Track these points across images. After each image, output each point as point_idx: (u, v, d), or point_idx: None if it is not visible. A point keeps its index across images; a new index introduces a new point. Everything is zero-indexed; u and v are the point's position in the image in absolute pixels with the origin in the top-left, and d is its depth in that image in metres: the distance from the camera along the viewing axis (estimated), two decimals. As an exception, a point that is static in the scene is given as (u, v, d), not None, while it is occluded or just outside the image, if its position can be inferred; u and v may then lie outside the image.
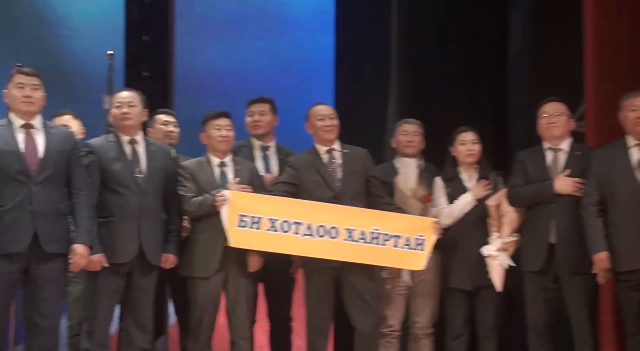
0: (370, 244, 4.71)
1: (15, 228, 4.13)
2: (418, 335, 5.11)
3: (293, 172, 4.83)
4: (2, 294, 4.14)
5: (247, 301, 4.72)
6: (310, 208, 4.71)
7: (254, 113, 5.25)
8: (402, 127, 5.32)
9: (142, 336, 4.54)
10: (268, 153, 5.23)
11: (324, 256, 4.69)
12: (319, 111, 4.92)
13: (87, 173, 4.43)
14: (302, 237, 4.66)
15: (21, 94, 4.26)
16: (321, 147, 4.91)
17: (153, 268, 4.57)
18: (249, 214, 4.61)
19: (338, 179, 4.83)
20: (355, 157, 4.89)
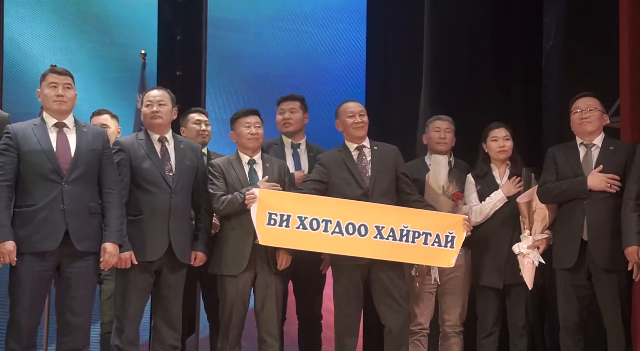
0: (399, 241, 4.68)
1: (47, 227, 4.18)
2: (448, 333, 5.08)
3: (323, 170, 4.82)
4: (34, 292, 4.19)
5: (276, 299, 4.71)
6: (339, 205, 4.69)
7: (285, 111, 5.26)
8: (434, 123, 5.29)
9: (172, 334, 4.56)
10: (299, 151, 5.23)
11: (353, 253, 4.67)
12: (349, 108, 4.91)
13: (118, 171, 4.47)
14: (331, 234, 4.65)
15: (54, 93, 4.31)
16: (351, 144, 4.90)
17: (182, 265, 4.59)
18: (278, 212, 4.61)
19: (368, 176, 4.81)
20: (385, 154, 4.87)
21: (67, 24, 6.66)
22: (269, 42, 6.97)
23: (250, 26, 6.97)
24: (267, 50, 6.94)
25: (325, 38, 7.03)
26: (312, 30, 7.03)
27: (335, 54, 7.01)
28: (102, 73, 6.56)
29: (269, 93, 6.42)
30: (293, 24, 7.00)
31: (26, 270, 4.17)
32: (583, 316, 4.70)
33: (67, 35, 6.64)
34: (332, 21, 7.06)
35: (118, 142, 4.63)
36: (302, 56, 6.96)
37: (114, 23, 6.77)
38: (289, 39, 6.98)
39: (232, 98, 6.75)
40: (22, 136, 4.25)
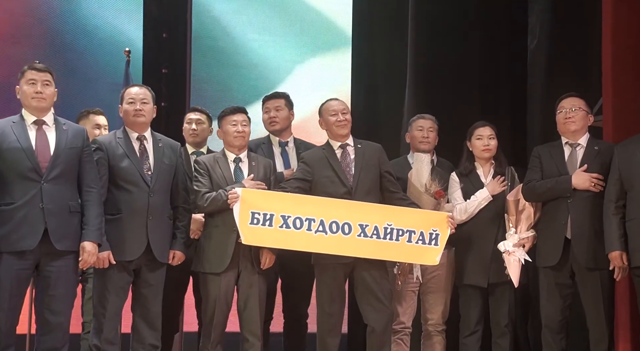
0: (383, 240, 4.66)
1: (26, 226, 4.14)
2: (430, 332, 5.08)
3: (306, 168, 4.81)
4: (13, 291, 4.15)
5: (260, 298, 4.68)
6: (322, 204, 4.67)
7: (270, 109, 5.24)
8: (418, 122, 5.28)
9: (152, 333, 4.53)
10: (287, 149, 5.22)
11: (337, 252, 4.65)
12: (332, 106, 4.89)
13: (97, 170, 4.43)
14: (315, 233, 4.63)
15: (32, 90, 4.27)
16: (335, 142, 4.88)
17: (161, 265, 4.56)
18: (261, 211, 4.59)
19: (351, 175, 4.79)
20: (369, 152, 4.86)
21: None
22: (256, 40, 6.95)
23: (237, 24, 6.94)
24: (254, 48, 6.92)
25: (313, 35, 7.01)
26: (300, 27, 7.01)
27: (322, 52, 6.99)
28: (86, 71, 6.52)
29: (256, 92, 6.47)
30: (280, 21, 6.97)
31: (5, 269, 4.13)
32: (566, 315, 4.70)
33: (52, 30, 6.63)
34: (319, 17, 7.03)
35: (96, 141, 4.58)
36: (290, 52, 6.94)
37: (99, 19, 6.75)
38: (277, 35, 6.95)
39: (218, 96, 6.73)
40: (1, 134, 4.20)
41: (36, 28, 6.71)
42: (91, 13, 6.72)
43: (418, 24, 6.37)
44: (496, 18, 6.37)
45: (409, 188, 4.97)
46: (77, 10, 6.73)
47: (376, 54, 6.66)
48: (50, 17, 6.67)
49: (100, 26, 6.73)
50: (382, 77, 6.63)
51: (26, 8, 6.73)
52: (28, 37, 6.68)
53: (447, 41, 6.31)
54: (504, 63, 6.38)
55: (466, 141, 5.08)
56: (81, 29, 6.70)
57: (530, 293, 5.57)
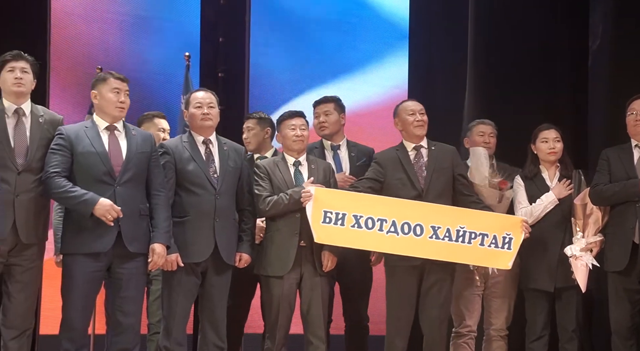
0: (455, 242, 4.64)
1: (100, 228, 4.20)
2: (493, 337, 5.05)
3: (379, 169, 4.81)
4: (87, 292, 4.23)
5: (322, 301, 4.69)
6: (394, 205, 4.66)
7: (319, 114, 5.25)
8: (478, 127, 5.26)
9: (217, 335, 4.55)
10: (339, 153, 5.22)
11: (408, 253, 4.64)
12: (409, 106, 4.89)
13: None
14: (387, 234, 4.62)
15: (117, 99, 4.35)
16: (409, 143, 4.88)
17: (227, 267, 4.59)
18: (334, 210, 4.60)
19: (423, 177, 4.79)
20: (443, 155, 4.84)
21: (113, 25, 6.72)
22: (314, 43, 6.95)
23: (294, 28, 6.96)
24: (312, 51, 6.92)
25: (370, 41, 7.00)
26: (356, 32, 7.00)
27: (380, 52, 6.98)
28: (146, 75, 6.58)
29: (313, 95, 6.46)
30: (336, 23, 6.97)
31: (79, 270, 4.21)
32: (635, 321, 4.65)
33: (114, 37, 6.69)
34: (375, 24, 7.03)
35: (163, 145, 4.64)
36: (346, 55, 6.94)
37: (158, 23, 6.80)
38: (333, 38, 6.95)
39: (275, 99, 6.75)
40: (75, 137, 4.28)
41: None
42: (150, 16, 6.78)
43: (477, 25, 6.33)
44: (556, 18, 6.31)
45: (473, 181, 4.94)
46: (136, 14, 6.79)
47: (434, 55, 6.64)
48: (108, 21, 6.75)
49: (160, 30, 6.78)
50: (441, 78, 6.60)
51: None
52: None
53: (507, 41, 6.27)
54: (564, 64, 6.30)
55: (530, 144, 5.04)
56: (141, 33, 6.76)
57: (594, 297, 5.49)
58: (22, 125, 4.32)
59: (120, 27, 6.72)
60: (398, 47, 6.91)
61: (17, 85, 4.31)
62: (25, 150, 4.28)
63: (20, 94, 4.34)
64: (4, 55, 4.37)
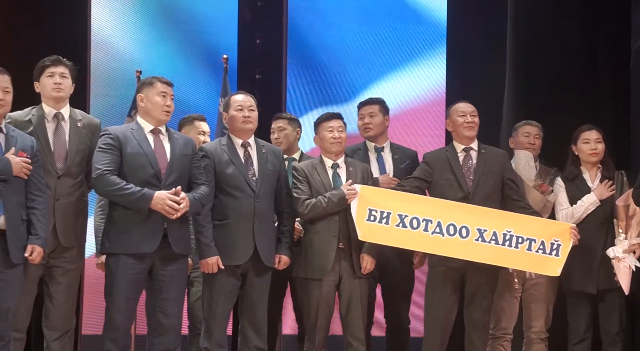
0: (502, 246, 4.60)
1: (147, 229, 4.25)
2: (533, 340, 5.02)
3: (427, 168, 4.81)
4: (130, 293, 4.27)
5: (361, 303, 4.69)
6: (440, 205, 4.65)
7: (364, 116, 5.25)
8: (524, 128, 5.24)
9: (258, 337, 4.57)
10: (383, 155, 5.21)
11: (453, 255, 4.61)
12: (460, 108, 4.89)
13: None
14: (432, 234, 4.61)
15: (163, 103, 4.39)
16: (459, 145, 4.86)
17: (267, 269, 4.61)
18: (379, 209, 4.60)
19: (471, 179, 4.77)
20: (492, 158, 4.82)
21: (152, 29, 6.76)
22: (352, 43, 6.94)
23: (332, 28, 6.95)
24: (350, 51, 6.91)
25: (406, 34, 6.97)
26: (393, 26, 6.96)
27: (418, 52, 6.94)
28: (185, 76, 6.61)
29: (351, 96, 6.46)
30: (374, 22, 6.94)
31: (122, 271, 4.25)
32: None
33: (152, 40, 6.74)
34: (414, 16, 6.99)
35: (202, 148, 4.66)
36: (383, 56, 6.91)
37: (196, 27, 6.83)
38: (371, 38, 6.93)
39: (313, 101, 6.75)
40: (123, 138, 4.32)
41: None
42: (188, 19, 6.82)
43: (517, 25, 6.28)
44: (597, 17, 6.23)
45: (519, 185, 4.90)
46: (174, 17, 6.83)
47: (471, 55, 6.60)
48: (148, 24, 6.79)
49: (198, 32, 6.82)
50: (478, 78, 6.56)
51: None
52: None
53: (547, 41, 6.21)
54: (605, 64, 6.23)
55: (571, 145, 5.00)
56: (179, 36, 6.80)
57: (638, 300, 5.41)
58: (61, 129, 4.38)
59: (158, 29, 6.76)
60: (436, 47, 6.88)
61: (57, 90, 4.37)
62: (64, 155, 4.34)
63: (60, 99, 4.39)
64: (43, 60, 4.43)
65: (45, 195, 4.17)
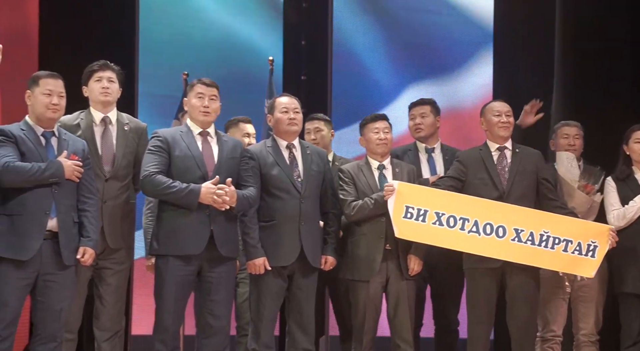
0: (538, 246, 4.56)
1: (193, 231, 4.28)
2: (583, 342, 4.96)
3: (461, 167, 4.78)
4: (178, 294, 4.30)
5: (409, 305, 4.68)
6: (478, 204, 4.61)
7: (415, 116, 5.23)
8: (563, 130, 5.17)
9: (305, 338, 4.58)
10: (433, 156, 5.19)
11: (489, 254, 4.58)
12: (495, 107, 4.85)
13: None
14: (468, 233, 4.58)
15: (200, 104, 4.41)
16: (493, 144, 4.82)
17: (313, 270, 4.62)
18: (416, 206, 4.58)
19: (506, 178, 4.73)
20: (527, 158, 4.78)
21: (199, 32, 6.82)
22: (399, 45, 6.92)
23: (377, 29, 6.93)
24: (397, 54, 6.89)
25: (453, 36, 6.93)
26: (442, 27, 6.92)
27: (465, 53, 6.90)
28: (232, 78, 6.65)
29: (397, 98, 6.44)
30: (422, 24, 6.91)
31: (171, 272, 4.29)
32: None
33: (199, 43, 6.79)
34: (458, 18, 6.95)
35: (248, 150, 4.68)
36: (429, 58, 6.88)
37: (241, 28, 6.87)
38: (418, 40, 6.90)
39: (358, 102, 6.74)
40: (172, 140, 4.36)
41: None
42: (234, 21, 6.86)
43: (565, 26, 6.21)
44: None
45: (562, 186, 4.87)
46: (220, 20, 6.88)
47: (518, 55, 6.54)
48: (194, 28, 6.85)
49: (243, 35, 6.86)
50: (526, 79, 6.49)
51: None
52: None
53: (596, 41, 6.12)
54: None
55: (622, 145, 4.93)
56: (225, 38, 6.85)
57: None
58: (108, 133, 4.45)
59: (204, 32, 6.82)
60: (483, 48, 6.82)
61: (104, 94, 4.44)
62: (112, 158, 4.40)
63: (107, 103, 4.46)
64: (91, 65, 4.50)
65: (96, 197, 4.24)
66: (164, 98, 6.49)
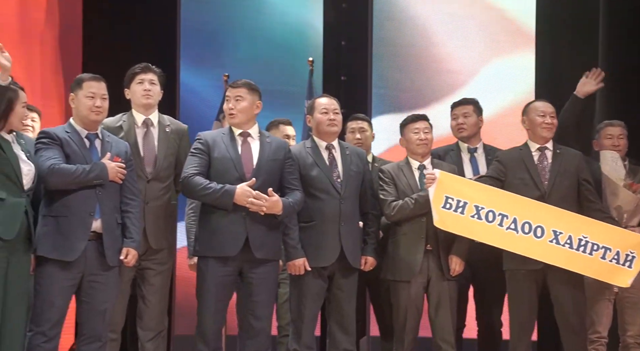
0: (576, 251, 4.52)
1: (229, 233, 4.30)
2: (629, 344, 4.89)
3: (500, 167, 4.75)
4: (219, 295, 4.33)
5: (451, 306, 4.66)
6: (518, 202, 4.58)
7: (458, 116, 5.20)
8: (606, 130, 5.12)
9: (346, 338, 4.58)
10: (476, 156, 5.16)
11: (525, 253, 4.55)
12: (540, 107, 4.81)
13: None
14: (506, 230, 4.55)
15: (227, 107, 4.46)
16: (534, 144, 4.79)
17: (354, 270, 4.62)
18: (455, 197, 4.56)
19: (546, 178, 4.70)
20: (568, 159, 4.74)
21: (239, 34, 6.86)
22: (437, 44, 6.88)
23: (418, 28, 6.90)
24: (436, 52, 6.86)
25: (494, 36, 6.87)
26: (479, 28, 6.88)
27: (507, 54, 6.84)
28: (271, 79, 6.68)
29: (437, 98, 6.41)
30: (461, 23, 6.87)
31: (210, 273, 4.32)
32: None
33: (239, 45, 6.84)
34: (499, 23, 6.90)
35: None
36: (471, 58, 6.84)
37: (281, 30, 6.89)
38: (457, 39, 6.86)
39: (398, 102, 6.73)
40: (213, 143, 4.39)
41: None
42: (273, 23, 6.89)
43: (610, 26, 6.12)
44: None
45: (607, 186, 4.82)
46: (260, 22, 6.91)
47: (561, 55, 6.47)
48: (234, 30, 6.89)
49: (283, 36, 6.88)
50: (569, 79, 6.41)
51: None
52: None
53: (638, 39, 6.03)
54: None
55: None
56: (266, 39, 6.88)
57: None
58: (150, 135, 4.49)
59: (244, 34, 6.85)
60: (525, 48, 6.77)
61: (146, 97, 4.48)
62: (153, 160, 4.45)
63: (149, 105, 4.51)
64: (133, 67, 4.54)
65: (139, 199, 4.28)
66: (205, 99, 6.54)
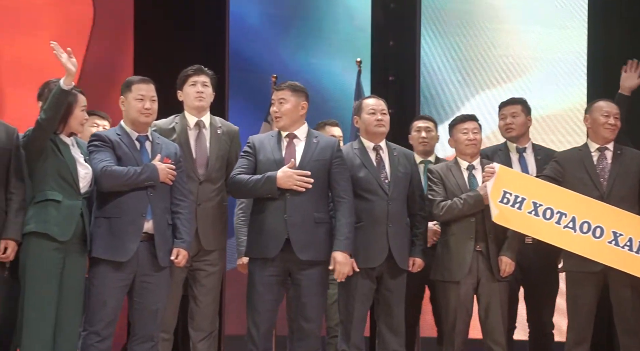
0: (636, 254, 4.45)
1: (270, 235, 4.32)
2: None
3: (557, 167, 4.72)
4: (266, 295, 4.34)
5: (501, 307, 4.63)
6: (578, 200, 4.53)
7: (506, 116, 5.16)
8: None
9: (395, 339, 4.57)
10: (525, 155, 5.11)
11: (582, 253, 4.50)
12: (604, 107, 4.76)
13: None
14: (563, 228, 4.51)
15: (272, 110, 4.51)
16: (593, 144, 4.75)
17: (402, 271, 4.60)
18: (513, 192, 4.52)
19: (606, 179, 4.65)
20: (629, 159, 4.69)
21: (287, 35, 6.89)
22: (486, 42, 6.84)
23: (467, 28, 6.87)
24: (485, 50, 6.82)
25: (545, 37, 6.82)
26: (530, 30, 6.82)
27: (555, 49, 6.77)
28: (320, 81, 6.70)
29: (486, 96, 6.36)
30: (507, 20, 6.82)
31: (257, 274, 4.36)
32: None
33: (288, 46, 6.87)
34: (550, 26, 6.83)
35: None
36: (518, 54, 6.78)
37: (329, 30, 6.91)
38: (504, 37, 6.80)
39: (447, 101, 6.69)
40: (260, 145, 4.43)
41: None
42: (322, 24, 6.91)
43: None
44: None
45: None
46: (308, 22, 6.94)
47: (615, 47, 6.37)
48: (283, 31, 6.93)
49: (332, 36, 6.89)
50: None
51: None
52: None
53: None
54: None
55: None
56: (314, 40, 6.90)
57: None
58: (202, 137, 4.54)
59: (294, 35, 6.88)
60: (577, 51, 6.69)
61: (199, 99, 4.53)
62: (205, 161, 4.49)
63: (201, 108, 4.55)
64: (186, 70, 4.59)
65: (189, 200, 4.32)
66: (254, 101, 6.58)
